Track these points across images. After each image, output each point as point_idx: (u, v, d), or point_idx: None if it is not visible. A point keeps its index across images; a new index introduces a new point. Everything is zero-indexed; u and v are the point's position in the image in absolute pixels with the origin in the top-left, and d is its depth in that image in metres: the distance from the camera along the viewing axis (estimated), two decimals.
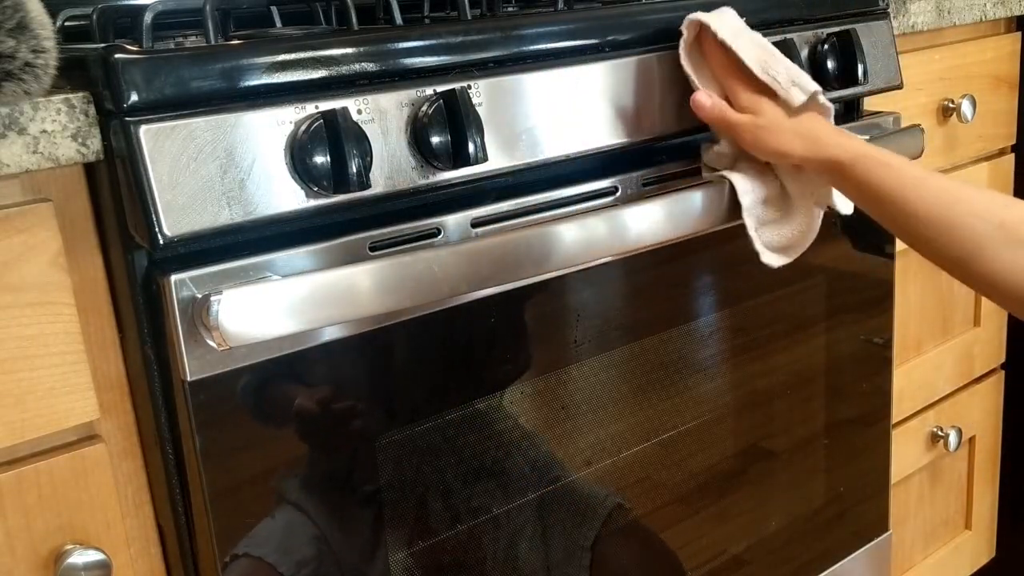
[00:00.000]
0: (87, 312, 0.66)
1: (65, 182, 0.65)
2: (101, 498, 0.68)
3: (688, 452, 0.95)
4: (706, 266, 0.92)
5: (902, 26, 1.07)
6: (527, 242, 0.74)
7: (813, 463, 1.08)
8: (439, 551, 0.80)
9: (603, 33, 0.80)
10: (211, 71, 0.63)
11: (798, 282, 1.00)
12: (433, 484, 0.78)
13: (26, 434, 0.64)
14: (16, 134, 0.59)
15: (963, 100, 1.19)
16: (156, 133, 0.60)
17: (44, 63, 0.59)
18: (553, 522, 0.86)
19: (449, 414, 0.78)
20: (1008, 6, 1.22)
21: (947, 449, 1.30)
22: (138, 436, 0.71)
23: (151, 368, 0.67)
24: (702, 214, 0.85)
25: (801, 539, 1.09)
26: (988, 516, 1.47)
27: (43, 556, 0.66)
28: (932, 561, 1.38)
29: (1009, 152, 1.33)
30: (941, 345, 1.30)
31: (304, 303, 0.64)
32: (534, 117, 0.76)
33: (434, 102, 0.70)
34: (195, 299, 0.63)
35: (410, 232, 0.72)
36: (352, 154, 0.65)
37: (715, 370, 0.95)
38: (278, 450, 0.70)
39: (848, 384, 1.09)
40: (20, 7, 0.58)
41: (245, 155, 0.64)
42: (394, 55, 0.70)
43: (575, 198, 0.81)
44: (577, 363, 0.85)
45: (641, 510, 0.93)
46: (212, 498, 0.67)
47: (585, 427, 0.87)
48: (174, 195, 0.61)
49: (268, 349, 0.67)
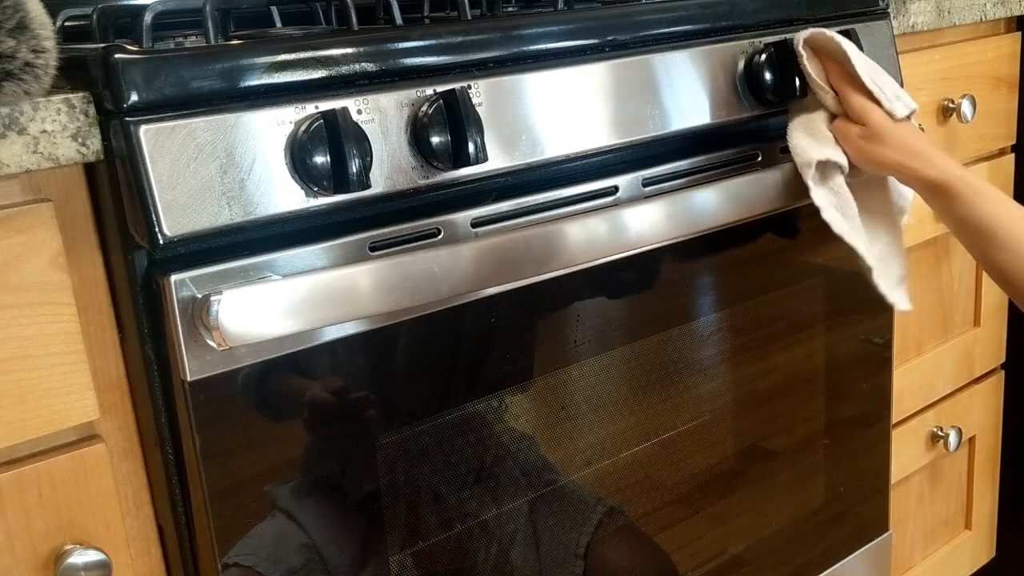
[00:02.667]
0: (87, 312, 0.66)
1: (65, 182, 0.65)
2: (101, 498, 0.68)
3: (688, 452, 0.95)
4: (706, 266, 0.92)
5: (902, 26, 1.07)
6: (527, 242, 0.74)
7: (813, 463, 1.08)
8: (439, 551, 0.80)
9: (603, 33, 0.80)
10: (211, 71, 0.63)
11: (798, 282, 1.00)
12: (434, 485, 0.78)
13: (26, 434, 0.64)
14: (16, 134, 0.59)
15: (963, 100, 1.19)
16: (156, 133, 0.60)
17: (44, 63, 0.59)
18: (552, 523, 0.86)
19: (450, 414, 0.78)
20: (1008, 6, 1.22)
21: (947, 449, 1.30)
22: (138, 436, 0.70)
23: (151, 368, 0.67)
24: (702, 214, 0.85)
25: (801, 539, 1.09)
26: (988, 516, 1.47)
27: (43, 556, 0.66)
28: (932, 561, 1.38)
29: (1009, 152, 1.33)
30: (941, 345, 1.30)
31: (304, 303, 0.65)
32: (534, 117, 0.76)
33: (434, 102, 0.70)
34: (195, 299, 0.63)
35: (410, 232, 0.72)
36: (352, 154, 0.65)
37: (715, 370, 0.95)
38: (278, 450, 0.70)
39: (848, 384, 1.09)
40: (20, 7, 0.58)
41: (245, 155, 0.64)
42: (394, 55, 0.70)
43: (575, 198, 0.81)
44: (577, 363, 0.85)
45: (641, 510, 0.93)
46: (212, 498, 0.67)
47: (585, 427, 0.87)
48: (174, 195, 0.61)
49: (268, 349, 0.67)
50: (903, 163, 0.85)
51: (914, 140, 0.86)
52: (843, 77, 0.87)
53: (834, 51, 0.88)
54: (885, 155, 0.85)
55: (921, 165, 0.84)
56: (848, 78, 0.87)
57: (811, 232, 0.99)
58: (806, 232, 0.99)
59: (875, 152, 0.85)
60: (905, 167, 0.85)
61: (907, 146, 0.85)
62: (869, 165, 0.87)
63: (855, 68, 0.86)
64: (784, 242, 0.98)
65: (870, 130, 0.85)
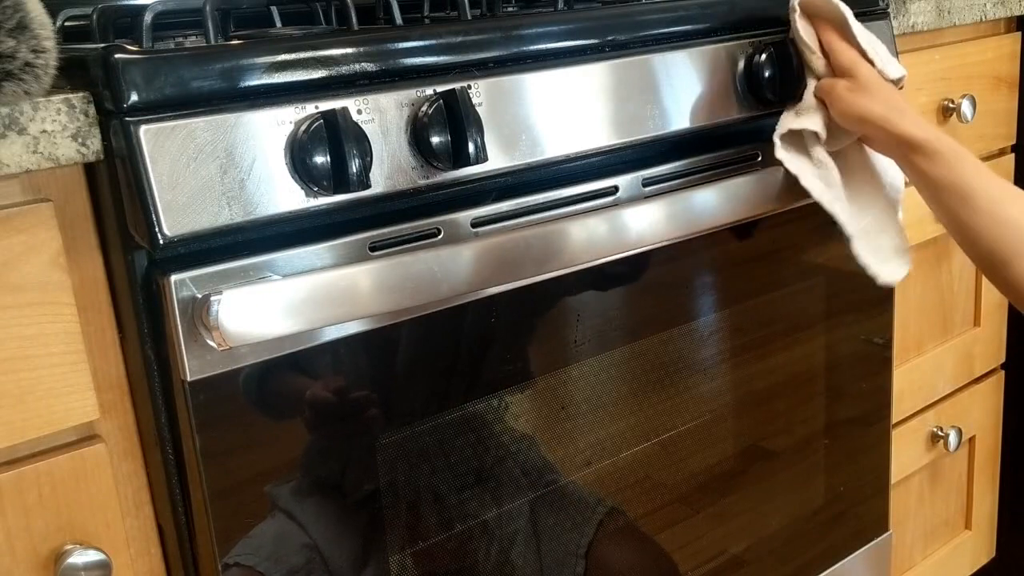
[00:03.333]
0: (87, 312, 0.66)
1: (65, 182, 0.65)
2: (101, 498, 0.68)
3: (688, 452, 0.95)
4: (706, 266, 0.92)
5: (902, 26, 1.07)
6: (527, 242, 0.74)
7: (813, 463, 1.08)
8: (440, 551, 0.80)
9: (603, 33, 0.80)
10: (211, 71, 0.63)
11: (798, 282, 1.00)
12: (434, 485, 0.78)
13: (26, 434, 0.64)
14: (16, 134, 0.59)
15: (963, 100, 1.19)
16: (156, 133, 0.60)
17: (44, 63, 0.59)
18: (552, 524, 0.86)
19: (450, 414, 0.78)
20: (1008, 6, 1.22)
21: (947, 449, 1.30)
22: (138, 436, 0.71)
23: (151, 368, 0.67)
24: (702, 214, 0.85)
25: (801, 539, 1.09)
26: (988, 516, 1.47)
27: (43, 556, 0.66)
28: (932, 561, 1.38)
29: (1009, 152, 1.33)
30: (941, 345, 1.30)
31: (304, 303, 0.65)
32: (534, 117, 0.76)
33: (434, 102, 0.70)
34: (195, 299, 0.63)
35: (410, 232, 0.72)
36: (352, 154, 0.65)
37: (715, 370, 0.95)
38: (278, 450, 0.70)
39: (848, 384, 1.09)
40: (20, 7, 0.58)
41: (245, 155, 0.64)
42: (394, 55, 0.70)
43: (575, 198, 0.81)
44: (577, 363, 0.85)
45: (641, 510, 0.93)
46: (212, 498, 0.67)
47: (585, 427, 0.87)
48: (174, 195, 0.61)
49: (268, 349, 0.67)
50: (886, 116, 0.83)
51: (899, 98, 0.85)
52: (835, 36, 0.87)
53: (830, 13, 0.87)
54: (870, 107, 0.84)
55: (904, 120, 0.83)
56: (841, 37, 0.87)
57: (811, 232, 0.99)
58: (806, 232, 0.99)
59: (860, 103, 0.84)
60: (888, 121, 0.83)
61: (893, 101, 0.84)
62: (852, 119, 0.86)
63: (851, 30, 0.86)
64: (784, 242, 0.98)
65: (857, 82, 0.85)
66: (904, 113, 0.84)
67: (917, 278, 1.24)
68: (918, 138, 0.83)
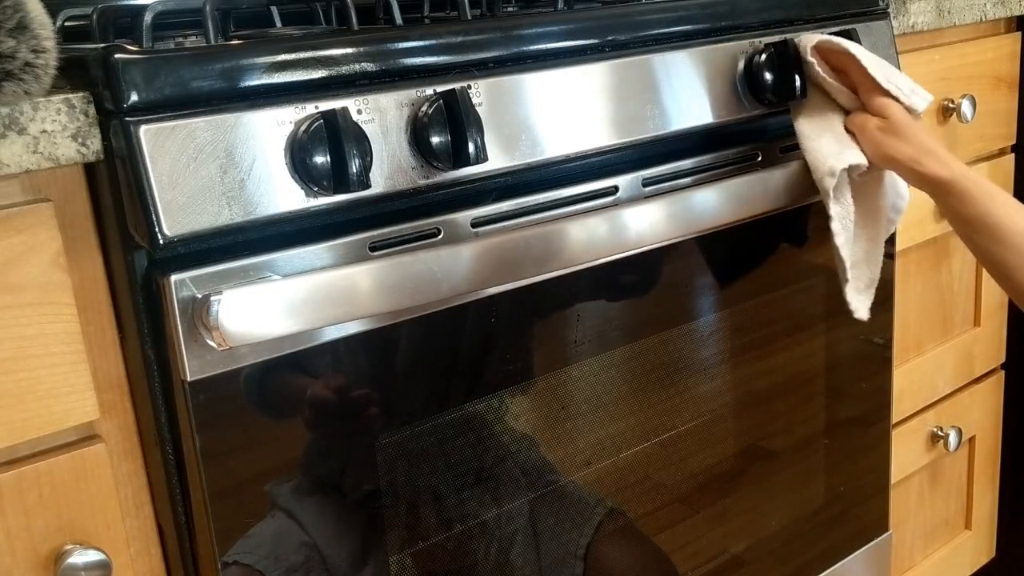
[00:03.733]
0: (87, 312, 0.66)
1: (65, 182, 0.65)
2: (101, 498, 0.68)
3: (688, 452, 0.95)
4: (706, 266, 0.92)
5: (902, 26, 1.07)
6: (527, 242, 0.74)
7: (813, 463, 1.08)
8: (439, 551, 0.80)
9: (603, 33, 0.80)
10: (211, 71, 0.63)
11: (798, 282, 1.00)
12: (434, 485, 0.78)
13: (26, 434, 0.64)
14: (16, 134, 0.59)
15: (963, 100, 1.19)
16: (156, 133, 0.60)
17: (44, 63, 0.59)
18: (552, 524, 0.86)
19: (450, 414, 0.78)
20: (1008, 6, 1.22)
21: (947, 449, 1.30)
22: (138, 436, 0.71)
23: (151, 368, 0.67)
24: (702, 214, 0.85)
25: (801, 539, 1.09)
26: (988, 516, 1.47)
27: (43, 556, 0.66)
28: (932, 561, 1.38)
29: (1009, 152, 1.33)
30: (941, 345, 1.30)
31: (304, 303, 0.65)
32: (534, 117, 0.76)
33: (434, 102, 0.70)
34: (195, 299, 0.63)
35: (410, 232, 0.72)
36: (352, 154, 0.65)
37: (715, 370, 0.95)
38: (278, 449, 0.70)
39: (848, 384, 1.09)
40: (20, 7, 0.58)
41: (245, 155, 0.64)
42: (394, 55, 0.70)
43: (575, 198, 0.81)
44: (577, 363, 0.85)
45: (641, 510, 0.93)
46: (212, 498, 0.67)
47: (585, 427, 0.87)
48: (174, 195, 0.61)
49: (268, 349, 0.67)
50: (916, 159, 0.86)
51: (928, 138, 0.87)
52: (858, 75, 0.89)
53: (843, 55, 0.88)
54: (901, 149, 0.86)
55: (934, 162, 0.86)
56: (864, 76, 0.88)
57: (811, 232, 0.99)
58: (806, 232, 0.99)
59: (891, 145, 0.87)
60: (918, 163, 0.86)
61: (922, 143, 0.86)
62: (882, 158, 0.88)
63: (867, 69, 0.87)
64: (784, 242, 0.98)
65: (889, 123, 0.87)
66: (931, 153, 0.86)
67: (917, 278, 1.24)
68: (944, 178, 0.85)
